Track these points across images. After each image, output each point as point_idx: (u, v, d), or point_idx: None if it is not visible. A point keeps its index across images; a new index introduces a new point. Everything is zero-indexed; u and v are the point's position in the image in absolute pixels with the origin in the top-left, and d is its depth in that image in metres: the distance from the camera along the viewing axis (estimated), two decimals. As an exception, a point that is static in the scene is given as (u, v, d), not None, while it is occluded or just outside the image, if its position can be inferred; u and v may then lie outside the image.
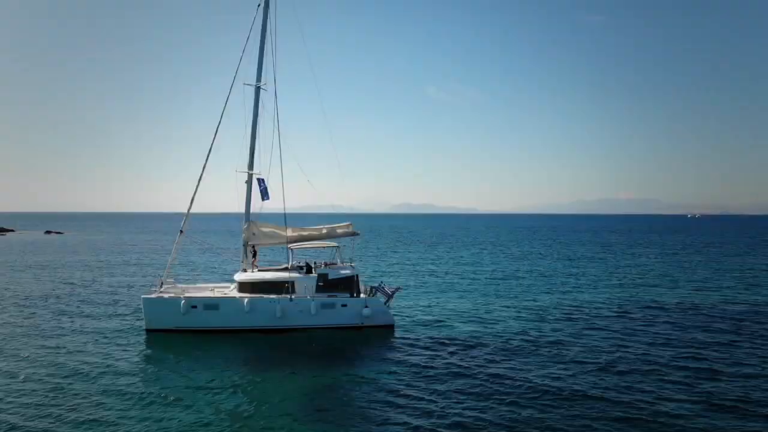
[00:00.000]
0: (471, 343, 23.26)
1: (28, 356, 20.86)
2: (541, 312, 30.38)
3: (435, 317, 28.81)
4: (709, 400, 16.29)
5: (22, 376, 18.36)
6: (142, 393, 16.75)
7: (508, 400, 16.24)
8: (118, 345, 22.71)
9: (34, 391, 16.97)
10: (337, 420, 14.71)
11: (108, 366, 19.62)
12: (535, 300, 34.63)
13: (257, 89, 26.56)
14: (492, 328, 26.39)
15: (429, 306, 32.37)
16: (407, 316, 28.80)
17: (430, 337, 24.36)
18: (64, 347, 22.16)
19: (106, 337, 23.95)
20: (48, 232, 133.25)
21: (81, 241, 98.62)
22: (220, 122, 26.22)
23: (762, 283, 43.43)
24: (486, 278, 46.39)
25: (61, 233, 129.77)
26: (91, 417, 14.71)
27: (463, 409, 15.57)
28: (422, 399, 16.35)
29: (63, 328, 25.79)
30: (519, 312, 30.43)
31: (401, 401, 16.17)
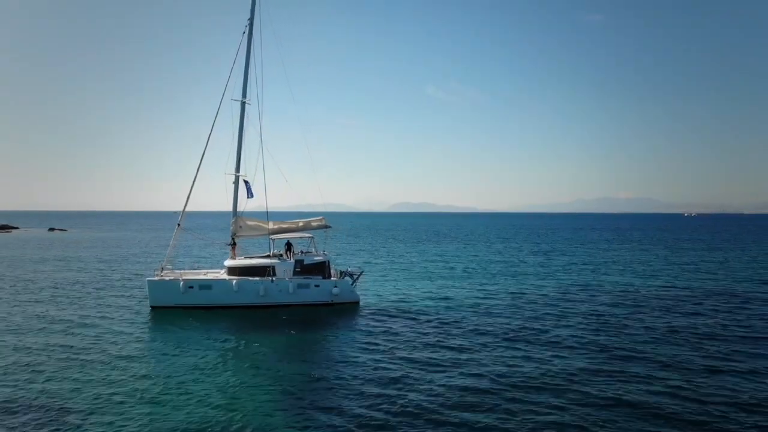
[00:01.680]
0: (425, 314, 27.99)
1: (55, 329, 25.55)
2: (496, 295, 35.00)
3: (399, 297, 33.51)
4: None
5: (47, 345, 23.01)
6: (147, 357, 20.91)
7: (447, 353, 20.98)
8: (127, 318, 27.37)
9: (59, 356, 21.63)
10: (312, 374, 18.72)
11: (120, 335, 24.17)
12: (495, 284, 39.23)
13: (242, 104, 31.19)
14: (447, 304, 31.04)
15: (396, 287, 37.25)
16: (374, 295, 33.54)
17: (391, 310, 29.15)
18: (86, 321, 26.78)
19: (118, 312, 28.65)
20: (51, 229, 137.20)
21: (87, 238, 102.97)
22: (211, 131, 30.80)
23: (704, 270, 48.05)
24: (460, 268, 50.95)
25: (65, 230, 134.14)
26: (104, 375, 18.32)
27: (411, 360, 20.17)
28: (379, 357, 20.69)
29: (83, 306, 30.47)
30: (476, 294, 35.01)
31: (363, 357, 20.58)
